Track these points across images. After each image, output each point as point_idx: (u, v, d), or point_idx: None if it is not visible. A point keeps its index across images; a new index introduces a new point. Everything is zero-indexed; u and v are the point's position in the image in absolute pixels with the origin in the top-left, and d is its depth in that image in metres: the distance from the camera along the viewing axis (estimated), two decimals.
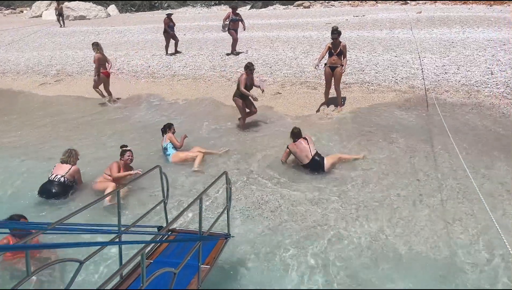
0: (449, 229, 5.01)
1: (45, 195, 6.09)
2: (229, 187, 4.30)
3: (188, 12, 33.87)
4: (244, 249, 4.88)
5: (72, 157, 6.42)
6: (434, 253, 4.63)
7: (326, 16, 22.27)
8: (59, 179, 6.17)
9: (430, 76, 10.04)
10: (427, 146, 7.15)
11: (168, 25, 14.72)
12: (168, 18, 14.84)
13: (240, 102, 8.61)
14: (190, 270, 3.67)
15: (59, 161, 6.44)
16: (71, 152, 6.48)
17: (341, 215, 5.46)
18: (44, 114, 10.63)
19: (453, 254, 4.58)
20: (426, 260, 4.54)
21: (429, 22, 16.99)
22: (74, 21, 29.36)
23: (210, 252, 4.13)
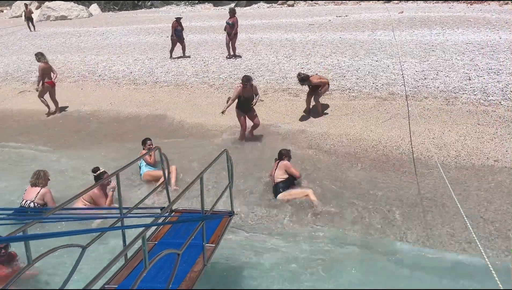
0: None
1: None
2: (230, 165, 4.29)
3: (172, 11, 33.61)
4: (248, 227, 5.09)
5: (41, 178, 6.09)
6: None
7: (310, 16, 22.35)
8: (28, 205, 5.91)
9: (410, 82, 10.16)
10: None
11: (176, 29, 14.43)
12: (176, 21, 14.50)
13: (239, 115, 8.40)
14: (196, 250, 3.67)
15: (29, 184, 6.16)
16: (39, 173, 6.15)
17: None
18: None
19: None
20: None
21: (410, 23, 17.18)
22: (55, 21, 28.98)
23: (215, 231, 4.14)
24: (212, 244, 3.92)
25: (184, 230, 4.13)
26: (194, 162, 7.60)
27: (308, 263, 4.81)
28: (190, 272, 3.51)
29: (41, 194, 6.00)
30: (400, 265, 4.86)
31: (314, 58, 12.85)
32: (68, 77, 13.67)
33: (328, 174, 7.35)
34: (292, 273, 4.60)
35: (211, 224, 4.17)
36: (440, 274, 4.65)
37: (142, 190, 6.65)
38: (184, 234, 3.94)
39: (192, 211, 4.60)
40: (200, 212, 3.86)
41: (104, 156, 8.34)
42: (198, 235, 3.38)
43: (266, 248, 4.90)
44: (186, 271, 3.50)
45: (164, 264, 3.39)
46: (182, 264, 3.12)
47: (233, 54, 13.97)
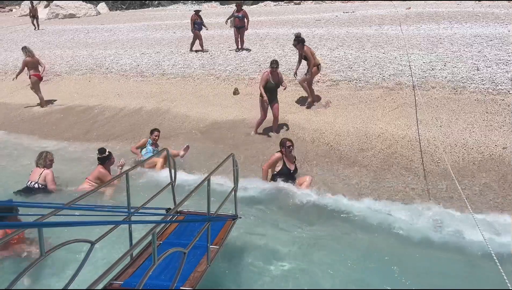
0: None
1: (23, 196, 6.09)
2: (236, 169, 4.33)
3: (179, 9, 33.70)
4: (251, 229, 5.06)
5: (42, 159, 6.31)
6: None
7: (316, 12, 22.31)
8: (33, 185, 6.15)
9: (417, 73, 10.10)
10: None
11: (195, 22, 14.31)
12: (195, 14, 14.41)
13: (263, 103, 8.16)
14: (199, 250, 3.76)
15: (35, 166, 6.38)
16: (41, 154, 6.39)
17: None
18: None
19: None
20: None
21: (418, 18, 17.08)
22: (63, 19, 29.17)
23: (219, 233, 4.20)
24: (216, 246, 3.98)
25: (188, 231, 4.21)
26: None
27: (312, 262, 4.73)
28: (194, 272, 3.59)
29: (43, 175, 6.18)
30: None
31: (321, 51, 12.81)
32: (76, 70, 13.78)
33: (333, 163, 7.35)
34: (295, 274, 4.53)
35: (216, 226, 4.23)
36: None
37: (147, 190, 6.51)
38: (189, 235, 4.02)
39: (196, 213, 4.66)
40: (204, 214, 3.94)
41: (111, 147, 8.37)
42: (203, 236, 3.45)
43: (269, 250, 4.84)
44: (190, 271, 3.57)
45: (169, 262, 3.48)
46: (186, 264, 3.18)
47: (241, 48, 13.96)
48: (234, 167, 4.33)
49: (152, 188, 6.04)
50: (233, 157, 4.31)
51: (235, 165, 4.33)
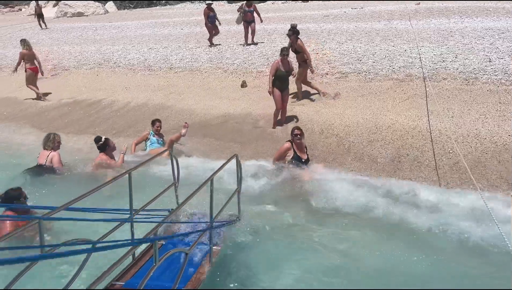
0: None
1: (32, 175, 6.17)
2: (239, 170, 4.28)
3: (187, 7, 33.74)
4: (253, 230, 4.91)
5: (50, 141, 6.39)
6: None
7: (324, 9, 22.17)
8: (41, 166, 6.26)
9: (427, 65, 9.95)
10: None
11: (208, 16, 14.07)
12: (208, 8, 14.15)
13: (275, 92, 7.95)
14: (202, 251, 3.74)
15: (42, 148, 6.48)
16: (49, 136, 6.47)
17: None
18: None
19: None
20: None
21: (427, 13, 16.89)
22: (72, 18, 29.33)
23: (221, 234, 4.19)
24: (218, 247, 3.96)
25: (191, 231, 4.12)
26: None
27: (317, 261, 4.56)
28: (196, 273, 3.55)
29: (50, 157, 6.24)
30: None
31: (330, 45, 12.71)
32: (85, 64, 13.80)
33: (343, 154, 7.24)
34: (300, 274, 4.37)
35: (218, 227, 4.18)
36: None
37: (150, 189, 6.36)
38: (191, 236, 3.95)
39: (200, 213, 4.61)
40: (207, 214, 3.87)
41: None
42: (205, 237, 3.46)
43: (273, 250, 4.71)
44: (192, 272, 3.54)
45: (171, 263, 3.43)
46: (188, 264, 3.16)
47: (252, 42, 13.86)
48: (237, 168, 4.28)
49: (156, 187, 5.93)
50: (237, 157, 4.26)
51: (238, 166, 4.27)
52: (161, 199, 4.00)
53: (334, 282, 4.14)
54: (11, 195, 4.33)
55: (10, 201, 4.31)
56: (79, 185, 6.14)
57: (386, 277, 4.16)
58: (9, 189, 4.43)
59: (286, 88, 8.12)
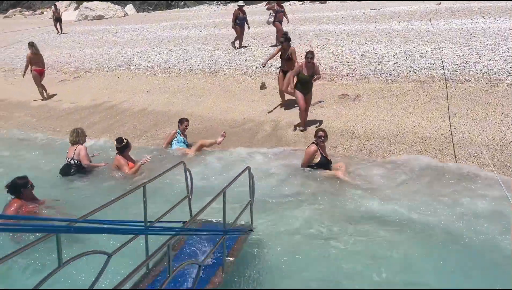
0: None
1: (63, 175, 6.45)
2: (251, 182, 4.29)
3: (205, 9, 33.97)
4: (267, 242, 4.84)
5: (74, 136, 6.57)
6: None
7: (343, 10, 22.06)
8: (70, 161, 6.44)
9: (450, 66, 9.80)
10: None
11: (237, 17, 13.84)
12: (239, 9, 13.93)
13: (299, 95, 7.88)
14: (215, 262, 3.74)
15: (70, 144, 6.68)
16: (76, 131, 6.65)
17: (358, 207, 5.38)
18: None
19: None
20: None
21: (448, 13, 16.65)
22: (92, 20, 29.83)
23: (234, 245, 4.16)
24: (231, 258, 3.94)
25: (204, 242, 4.16)
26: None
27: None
28: (209, 283, 3.55)
29: (77, 150, 6.42)
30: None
31: (349, 46, 12.64)
32: (106, 67, 14.01)
33: (364, 157, 7.16)
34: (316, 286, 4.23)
35: (231, 238, 4.19)
36: None
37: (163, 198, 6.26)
38: (204, 247, 3.99)
39: (212, 223, 4.62)
40: (219, 226, 3.90)
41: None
42: (218, 248, 3.44)
43: (286, 262, 4.52)
44: (205, 283, 3.53)
45: (185, 274, 3.44)
46: (202, 275, 3.16)
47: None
48: (250, 181, 4.28)
49: (169, 197, 5.73)
50: (249, 170, 4.25)
51: (251, 179, 4.27)
52: (174, 211, 4.01)
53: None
54: (18, 183, 4.43)
55: (17, 190, 4.39)
56: (97, 188, 6.28)
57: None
58: (15, 178, 4.51)
59: (308, 91, 8.06)
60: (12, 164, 7.43)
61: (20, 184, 4.46)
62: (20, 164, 7.40)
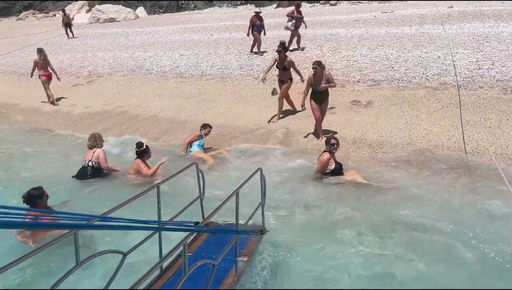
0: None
1: (79, 178, 6.64)
2: (263, 183, 4.32)
3: (215, 12, 34.10)
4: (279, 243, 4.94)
5: (94, 140, 6.82)
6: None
7: (354, 13, 21.98)
8: (87, 164, 6.63)
9: (463, 72, 9.75)
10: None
11: (254, 24, 13.80)
12: (256, 16, 13.85)
13: (313, 105, 7.93)
14: (228, 263, 3.78)
15: (87, 148, 6.89)
16: (94, 136, 6.91)
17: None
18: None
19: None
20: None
21: (461, 17, 16.51)
22: (104, 23, 30.10)
23: (246, 246, 4.22)
24: (244, 258, 4.00)
25: (217, 244, 4.22)
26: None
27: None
28: (222, 284, 3.60)
29: (96, 153, 6.65)
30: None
31: (360, 51, 12.62)
32: (118, 71, 14.16)
33: (375, 164, 7.16)
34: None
35: (243, 239, 4.23)
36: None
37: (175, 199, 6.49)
38: (217, 248, 4.03)
39: (225, 225, 4.67)
40: (232, 226, 3.94)
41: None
42: (231, 249, 3.46)
43: (298, 263, 4.64)
44: (219, 283, 3.58)
45: (198, 275, 3.47)
46: (215, 276, 3.19)
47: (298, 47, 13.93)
48: (261, 182, 4.32)
49: (182, 200, 6.03)
50: (261, 171, 4.30)
51: (262, 180, 4.31)
52: (186, 212, 4.08)
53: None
54: (33, 194, 4.54)
55: (33, 201, 4.50)
56: (114, 189, 6.43)
57: None
58: (31, 189, 4.64)
59: (323, 101, 8.03)
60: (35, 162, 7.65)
61: (36, 195, 4.58)
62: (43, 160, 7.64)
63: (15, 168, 7.73)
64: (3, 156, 8.42)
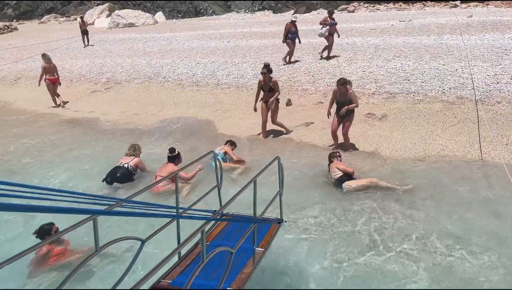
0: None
1: (109, 178, 6.93)
2: (281, 173, 4.31)
3: (233, 18, 34.36)
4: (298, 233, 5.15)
5: (136, 150, 7.37)
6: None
7: (371, 21, 21.89)
8: (123, 165, 7.07)
9: (480, 86, 9.64)
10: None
11: (289, 31, 13.43)
12: (291, 23, 13.46)
13: (333, 118, 8.09)
14: (245, 253, 3.78)
15: (124, 155, 7.39)
16: (134, 146, 7.44)
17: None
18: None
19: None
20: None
21: (480, 27, 16.31)
22: (123, 28, 30.60)
23: (264, 236, 4.22)
24: (262, 249, 3.99)
25: (234, 234, 4.25)
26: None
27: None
28: (240, 273, 3.61)
29: (135, 161, 7.18)
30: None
31: (376, 62, 12.56)
32: (135, 78, 14.37)
33: (388, 180, 7.11)
34: (342, 278, 4.52)
35: (261, 229, 4.24)
36: None
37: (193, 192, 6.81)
38: (234, 237, 4.06)
39: (242, 216, 4.70)
40: (249, 217, 3.95)
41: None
42: (248, 238, 3.46)
43: (316, 254, 4.87)
44: (236, 272, 3.59)
45: (216, 263, 3.49)
46: (232, 265, 3.18)
47: (328, 56, 13.76)
48: (279, 171, 4.29)
49: (198, 190, 6.51)
50: (278, 160, 4.26)
51: (280, 169, 4.29)
52: (204, 201, 4.17)
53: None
54: (43, 230, 4.79)
55: (44, 235, 4.75)
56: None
57: None
58: (43, 225, 4.87)
59: (345, 116, 7.99)
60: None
61: (46, 229, 4.78)
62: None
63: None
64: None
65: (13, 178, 7.54)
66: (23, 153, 8.98)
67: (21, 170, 8.05)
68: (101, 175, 7.13)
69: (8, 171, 7.99)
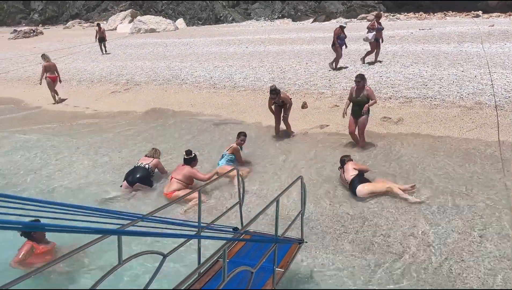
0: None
1: (130, 177, 7.01)
2: (303, 192, 4.27)
3: (252, 25, 34.66)
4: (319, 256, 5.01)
5: (156, 153, 7.50)
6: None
7: (391, 29, 21.76)
8: (143, 165, 7.16)
9: (500, 92, 9.50)
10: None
11: (338, 36, 13.04)
12: (340, 28, 13.15)
13: (349, 119, 8.05)
14: (265, 272, 3.77)
15: (144, 155, 7.54)
16: (155, 150, 7.59)
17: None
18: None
19: None
20: None
21: (502, 36, 16.09)
22: (145, 33, 31.18)
23: (284, 256, 4.19)
24: (281, 269, 3.96)
25: (254, 252, 4.23)
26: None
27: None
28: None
29: (155, 163, 7.28)
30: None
31: (394, 68, 12.51)
32: (154, 80, 14.62)
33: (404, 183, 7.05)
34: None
35: (281, 249, 4.19)
36: None
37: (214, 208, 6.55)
38: (254, 256, 4.04)
39: (262, 234, 4.67)
40: (270, 236, 3.93)
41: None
42: (268, 258, 3.43)
43: (335, 277, 4.69)
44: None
45: (235, 282, 3.46)
46: (253, 283, 3.18)
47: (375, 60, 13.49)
48: (302, 191, 4.25)
49: (220, 206, 6.32)
50: (301, 179, 4.23)
51: (303, 188, 4.25)
52: (224, 218, 4.18)
53: None
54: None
55: (29, 233, 4.82)
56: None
57: None
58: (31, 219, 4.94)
59: (358, 115, 7.92)
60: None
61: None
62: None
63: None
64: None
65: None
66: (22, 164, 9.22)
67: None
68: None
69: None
